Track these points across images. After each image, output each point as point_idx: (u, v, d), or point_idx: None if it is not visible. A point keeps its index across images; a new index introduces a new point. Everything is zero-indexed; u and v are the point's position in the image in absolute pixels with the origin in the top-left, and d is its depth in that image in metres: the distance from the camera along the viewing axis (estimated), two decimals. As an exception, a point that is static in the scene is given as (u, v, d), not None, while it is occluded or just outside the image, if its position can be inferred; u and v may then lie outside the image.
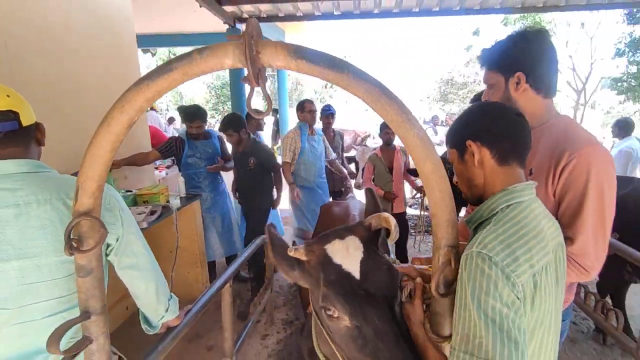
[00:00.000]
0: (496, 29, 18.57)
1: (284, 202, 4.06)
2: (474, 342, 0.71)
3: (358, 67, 0.79)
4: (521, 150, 0.87)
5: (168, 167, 4.99)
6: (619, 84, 16.02)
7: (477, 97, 2.32)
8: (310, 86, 29.59)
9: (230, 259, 3.62)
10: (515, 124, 0.87)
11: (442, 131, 8.20)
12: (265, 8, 3.88)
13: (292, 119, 10.29)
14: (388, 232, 0.96)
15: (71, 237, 0.85)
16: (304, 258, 0.95)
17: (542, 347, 0.79)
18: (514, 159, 0.86)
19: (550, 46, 1.14)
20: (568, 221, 1.03)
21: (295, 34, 8.32)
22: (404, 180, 3.64)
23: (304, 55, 0.77)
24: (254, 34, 0.77)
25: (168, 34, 7.02)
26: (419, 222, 4.35)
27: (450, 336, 0.82)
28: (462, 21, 22.19)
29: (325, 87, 30.30)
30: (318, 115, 3.61)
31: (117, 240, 1.05)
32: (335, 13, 3.95)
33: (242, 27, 4.28)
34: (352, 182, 3.88)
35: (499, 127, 0.86)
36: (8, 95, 0.96)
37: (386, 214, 0.97)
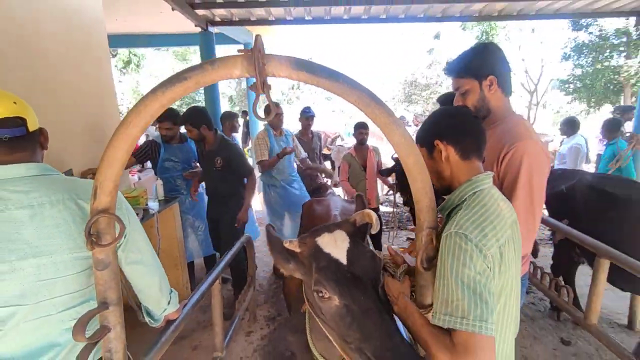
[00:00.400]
0: (455, 33, 19.44)
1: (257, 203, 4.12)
2: (452, 305, 0.86)
3: (350, 77, 0.92)
4: (479, 146, 1.04)
5: (139, 170, 4.91)
6: (566, 86, 17.29)
7: (443, 98, 2.52)
8: (278, 87, 29.54)
9: (207, 260, 3.64)
10: (474, 125, 1.05)
11: (410, 131, 8.52)
12: (237, 12, 3.94)
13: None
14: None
15: (91, 233, 0.92)
16: (297, 250, 1.08)
17: (506, 307, 0.96)
18: (474, 154, 1.03)
19: (504, 54, 1.37)
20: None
21: (265, 35, 8.34)
22: (377, 179, 3.83)
23: (304, 67, 0.89)
24: (261, 48, 0.88)
25: (132, 34, 6.87)
26: (391, 219, 4.57)
27: (431, 305, 0.98)
28: (424, 26, 23.11)
29: (293, 88, 30.40)
30: (286, 117, 3.72)
31: (125, 236, 1.11)
32: (307, 18, 4.08)
33: (213, 29, 4.32)
34: (329, 181, 4.02)
35: (461, 128, 1.04)
36: (15, 102, 1.00)
37: (368, 210, 1.12)
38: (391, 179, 4.00)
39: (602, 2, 3.76)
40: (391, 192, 4.27)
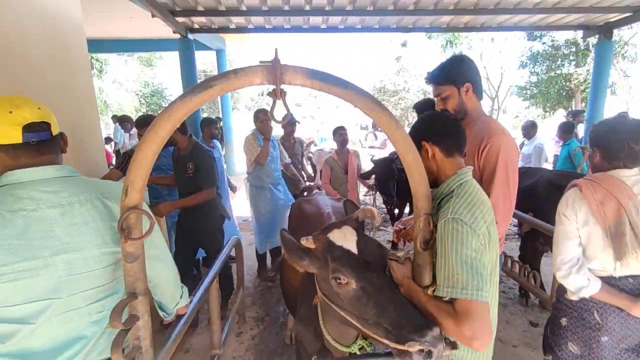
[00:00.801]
0: (421, 41, 20.25)
1: (242, 210, 4.17)
2: (453, 279, 1.02)
3: (357, 85, 1.06)
4: (460, 145, 1.22)
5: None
6: (524, 92, 18.42)
7: (419, 105, 2.72)
8: (247, 94, 29.44)
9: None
10: (454, 127, 1.23)
11: (382, 136, 8.82)
12: (217, 20, 4.01)
13: (235, 125, 10.28)
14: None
15: (123, 227, 0.99)
16: (312, 246, 1.20)
17: (493, 278, 1.13)
18: (456, 151, 1.21)
19: (476, 64, 1.59)
20: (486, 187, 1.43)
21: (238, 42, 8.41)
22: (357, 181, 4.00)
23: (317, 76, 1.02)
24: (279, 60, 1.01)
25: (103, 39, 6.72)
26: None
27: (428, 285, 1.13)
28: (393, 34, 23.89)
29: (262, 94, 30.43)
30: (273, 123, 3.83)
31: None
32: (286, 27, 4.21)
33: (192, 36, 4.35)
34: (311, 184, 4.14)
35: (443, 131, 1.21)
36: (39, 108, 1.06)
37: (369, 207, 1.27)
38: (370, 181, 4.19)
39: (554, 17, 4.16)
40: (370, 193, 4.45)
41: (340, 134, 3.71)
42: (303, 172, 4.20)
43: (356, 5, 3.71)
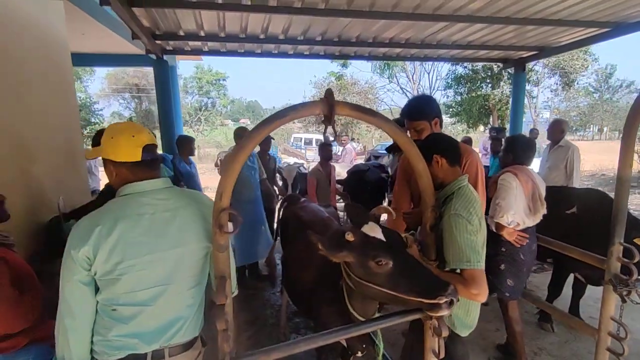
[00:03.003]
0: (361, 62, 21.74)
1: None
2: (460, 255, 1.47)
3: (383, 114, 1.47)
4: (459, 158, 1.70)
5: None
6: (450, 110, 20.53)
7: (394, 146, 3.25)
8: (185, 109, 28.68)
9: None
10: (456, 144, 1.71)
11: (341, 149, 9.37)
12: (193, 43, 4.23)
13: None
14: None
15: (220, 224, 1.28)
16: (351, 238, 1.53)
17: (482, 251, 1.60)
18: (456, 162, 1.68)
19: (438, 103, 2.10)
20: None
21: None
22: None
23: (357, 109, 1.42)
24: (334, 97, 1.39)
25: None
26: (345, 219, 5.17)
27: (434, 260, 1.56)
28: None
29: (200, 109, 30.00)
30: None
31: None
32: (257, 51, 4.58)
33: (166, 57, 4.50)
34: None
35: (449, 146, 1.68)
36: (149, 133, 1.31)
37: (383, 205, 1.67)
38: (340, 188, 4.62)
39: (480, 52, 5.06)
40: (341, 200, 4.90)
41: (328, 149, 4.12)
42: (275, 187, 4.50)
43: (306, 36, 4.15)
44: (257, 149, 4.21)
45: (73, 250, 1.15)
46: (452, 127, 23.61)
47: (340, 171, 6.53)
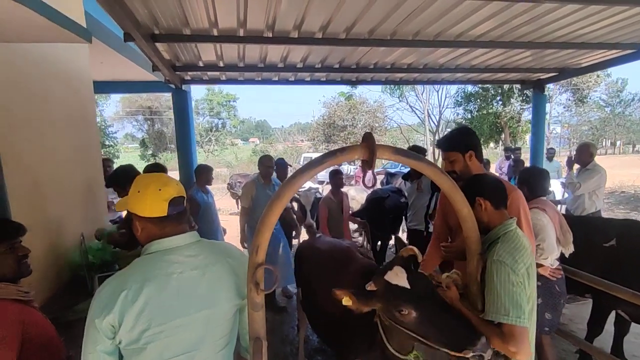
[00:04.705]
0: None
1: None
2: (498, 306, 1.34)
3: (416, 154, 1.38)
4: (504, 200, 1.60)
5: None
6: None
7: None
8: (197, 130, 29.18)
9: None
10: (500, 186, 1.61)
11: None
12: (210, 74, 4.26)
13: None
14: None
15: (256, 281, 1.19)
16: (374, 288, 1.46)
17: (532, 312, 1.47)
18: (502, 205, 1.58)
19: (477, 135, 2.00)
20: None
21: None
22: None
23: (400, 152, 1.34)
24: (373, 139, 1.31)
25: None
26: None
27: (481, 310, 1.44)
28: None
29: (211, 130, 30.44)
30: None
31: None
32: (274, 79, 4.60)
33: (185, 87, 4.55)
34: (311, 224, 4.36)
35: (493, 189, 1.58)
36: (177, 184, 1.24)
37: (411, 247, 1.56)
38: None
39: (497, 76, 5.01)
40: (360, 229, 4.77)
41: (339, 177, 4.02)
42: (294, 215, 4.41)
43: (325, 64, 4.16)
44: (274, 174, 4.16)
45: (97, 319, 1.06)
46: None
47: (355, 195, 6.42)
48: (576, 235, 2.53)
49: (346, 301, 1.47)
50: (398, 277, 1.45)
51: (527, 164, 5.89)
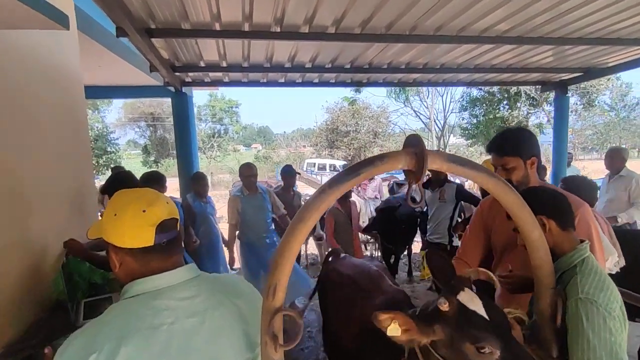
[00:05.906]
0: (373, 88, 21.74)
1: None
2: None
3: (475, 163, 1.09)
4: (572, 218, 1.28)
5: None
6: (467, 132, 20.17)
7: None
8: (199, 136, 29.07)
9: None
10: (566, 201, 1.29)
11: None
12: (213, 75, 4.00)
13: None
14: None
15: (273, 333, 0.89)
16: (446, 308, 1.10)
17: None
18: (569, 225, 1.26)
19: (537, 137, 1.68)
20: None
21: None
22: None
23: (455, 160, 1.05)
24: (422, 145, 1.01)
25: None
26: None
27: (556, 358, 1.13)
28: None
29: (214, 136, 30.30)
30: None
31: None
32: (280, 81, 4.33)
33: (185, 90, 4.29)
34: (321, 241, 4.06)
35: (559, 206, 1.27)
36: (167, 202, 0.95)
37: (482, 269, 1.26)
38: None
39: (517, 77, 4.72)
40: (371, 241, 4.47)
41: None
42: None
43: (335, 64, 3.88)
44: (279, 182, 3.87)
45: None
46: (466, 150, 23.13)
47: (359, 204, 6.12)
48: (629, 252, 2.22)
49: (393, 330, 1.09)
50: (474, 302, 1.09)
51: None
